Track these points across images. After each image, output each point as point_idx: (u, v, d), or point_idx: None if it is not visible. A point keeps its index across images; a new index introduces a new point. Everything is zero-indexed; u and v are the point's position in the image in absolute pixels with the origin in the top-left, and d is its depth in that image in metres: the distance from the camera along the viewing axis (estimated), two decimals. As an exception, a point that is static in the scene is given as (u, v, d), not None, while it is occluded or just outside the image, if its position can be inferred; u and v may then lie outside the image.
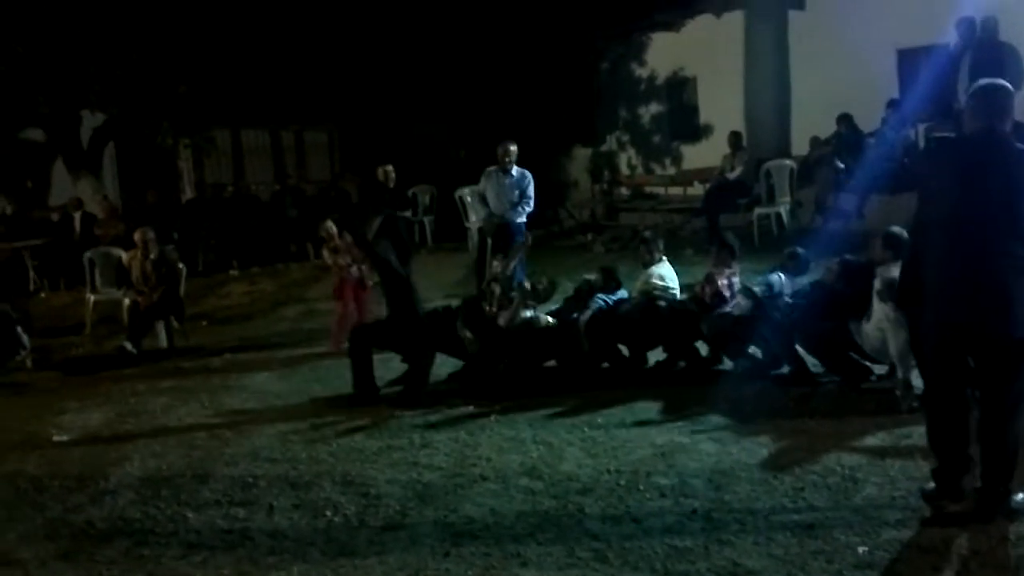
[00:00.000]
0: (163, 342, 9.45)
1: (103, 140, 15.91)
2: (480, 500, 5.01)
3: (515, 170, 9.62)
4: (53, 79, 13.77)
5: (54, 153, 16.03)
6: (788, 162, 13.10)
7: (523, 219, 9.64)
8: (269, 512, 5.05)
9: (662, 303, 7.35)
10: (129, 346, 9.25)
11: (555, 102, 16.83)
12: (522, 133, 11.01)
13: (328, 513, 4.98)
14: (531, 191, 9.64)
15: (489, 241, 9.62)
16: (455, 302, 8.08)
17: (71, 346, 10.03)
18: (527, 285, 7.76)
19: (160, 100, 14.15)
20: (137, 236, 9.77)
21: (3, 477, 5.90)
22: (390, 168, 9.85)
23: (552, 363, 7.58)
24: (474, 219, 9.69)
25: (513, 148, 9.62)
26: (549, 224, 15.98)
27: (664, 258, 7.78)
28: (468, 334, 7.30)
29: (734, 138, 13.34)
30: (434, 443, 6.06)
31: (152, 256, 9.63)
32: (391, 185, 9.82)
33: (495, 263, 8.15)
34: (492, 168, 9.71)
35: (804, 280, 7.26)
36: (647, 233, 8.65)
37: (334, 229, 9.42)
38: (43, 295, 12.99)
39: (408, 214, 9.83)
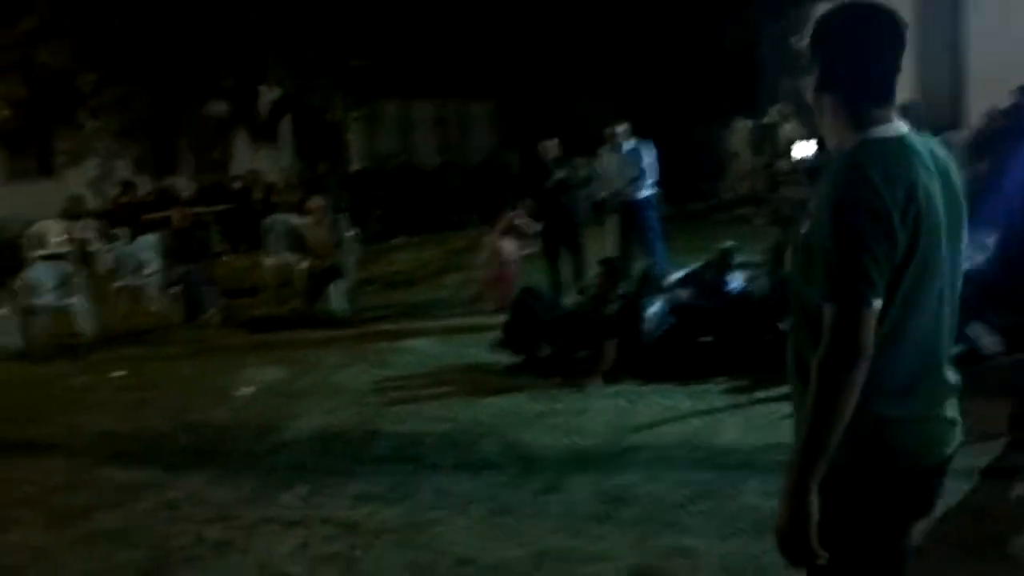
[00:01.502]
0: (334, 305, 9.91)
1: (280, 113, 16.72)
2: (637, 468, 5.08)
3: (626, 145, 9.58)
4: (235, 55, 14.55)
5: (236, 125, 16.96)
6: (962, 134, 12.44)
7: (645, 194, 9.56)
8: (433, 469, 5.28)
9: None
10: (304, 308, 9.76)
11: (716, 74, 16.53)
12: (683, 106, 10.91)
13: (489, 473, 5.17)
14: (645, 164, 9.59)
15: (615, 219, 9.75)
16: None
17: (250, 307, 10.64)
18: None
19: (334, 74, 14.72)
20: (311, 204, 10.26)
21: (190, 426, 6.39)
22: (549, 143, 9.97)
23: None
24: (602, 196, 9.87)
25: (620, 128, 9.61)
26: (708, 198, 15.79)
27: None
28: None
29: (903, 110, 12.75)
30: (592, 410, 6.16)
31: (325, 223, 10.10)
32: (550, 158, 9.94)
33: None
34: (604, 147, 9.78)
35: None
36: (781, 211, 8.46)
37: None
38: (225, 258, 13.82)
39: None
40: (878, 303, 1.93)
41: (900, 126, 2.07)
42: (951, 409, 2.11)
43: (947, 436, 2.09)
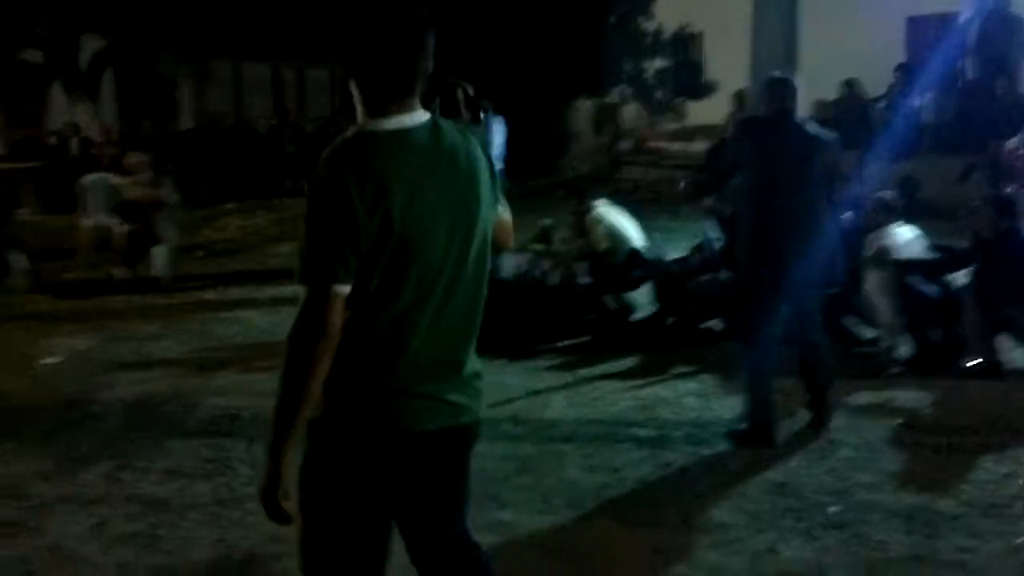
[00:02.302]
0: (156, 271, 9.43)
1: (102, 65, 15.78)
2: (462, 442, 5.05)
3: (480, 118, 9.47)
4: (52, 0, 13.61)
5: (52, 76, 15.89)
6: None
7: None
8: (250, 444, 5.05)
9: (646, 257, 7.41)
10: (121, 272, 9.25)
11: (561, 52, 16.68)
12: (527, 82, 10.89)
13: (309, 447, 5.01)
14: (495, 139, 9.46)
15: None
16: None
17: (63, 270, 10.01)
18: None
19: (161, 27, 13.99)
20: (131, 162, 9.72)
21: (-13, 396, 5.94)
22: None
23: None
24: None
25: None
26: (549, 174, 15.95)
27: (603, 205, 7.75)
28: None
29: (738, 96, 13.22)
30: (420, 385, 6.08)
31: (146, 182, 9.58)
32: None
33: None
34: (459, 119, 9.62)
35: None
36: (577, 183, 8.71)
37: None
38: (37, 219, 12.92)
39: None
40: (343, 288, 2.11)
41: (406, 120, 2.20)
42: (439, 388, 2.27)
43: (427, 411, 2.25)
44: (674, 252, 7.84)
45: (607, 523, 4.14)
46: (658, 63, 17.40)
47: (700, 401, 5.65)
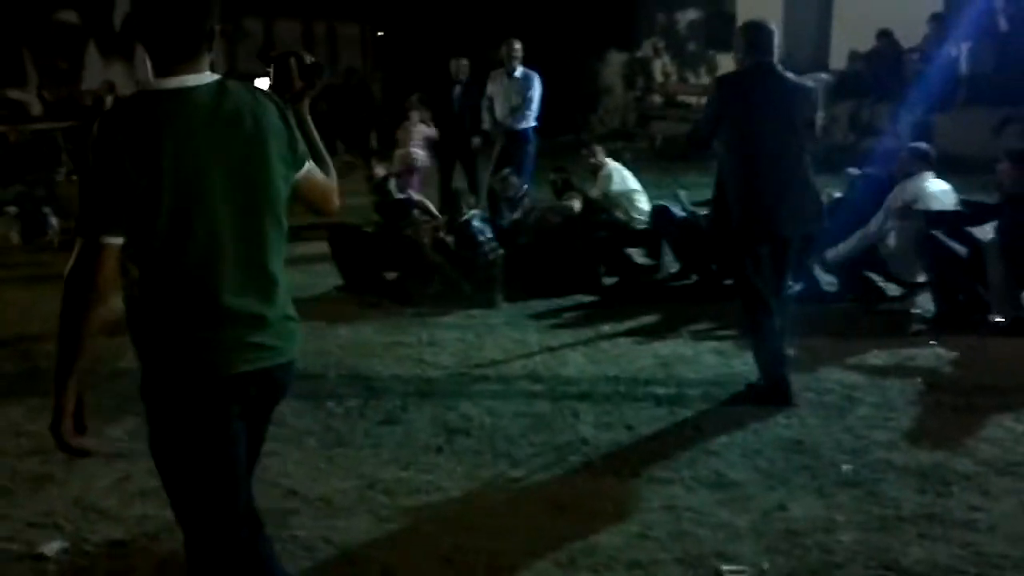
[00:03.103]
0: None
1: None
2: (479, 400, 5.10)
3: (519, 72, 9.26)
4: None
5: (87, 36, 16.00)
6: (824, 75, 12.77)
7: (527, 125, 9.22)
8: (271, 402, 5.14)
9: (678, 213, 7.35)
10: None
11: (592, 4, 16.45)
12: (557, 36, 10.73)
13: (330, 404, 5.09)
14: (534, 94, 9.21)
15: (497, 148, 9.47)
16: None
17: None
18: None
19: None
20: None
21: (19, 354, 6.08)
22: (460, 62, 9.84)
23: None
24: (486, 124, 9.52)
25: (518, 46, 9.14)
26: (579, 130, 15.80)
27: (609, 161, 7.76)
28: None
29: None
30: (441, 342, 6.14)
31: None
32: (462, 78, 9.81)
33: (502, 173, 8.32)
34: (498, 70, 9.41)
35: None
36: (584, 136, 8.66)
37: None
38: (73, 178, 13.06)
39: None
40: (112, 240, 2.23)
41: (190, 80, 2.26)
42: (246, 333, 2.37)
43: (238, 354, 2.36)
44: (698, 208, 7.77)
45: (618, 480, 4.16)
46: (691, 15, 17.09)
47: (719, 359, 5.63)
